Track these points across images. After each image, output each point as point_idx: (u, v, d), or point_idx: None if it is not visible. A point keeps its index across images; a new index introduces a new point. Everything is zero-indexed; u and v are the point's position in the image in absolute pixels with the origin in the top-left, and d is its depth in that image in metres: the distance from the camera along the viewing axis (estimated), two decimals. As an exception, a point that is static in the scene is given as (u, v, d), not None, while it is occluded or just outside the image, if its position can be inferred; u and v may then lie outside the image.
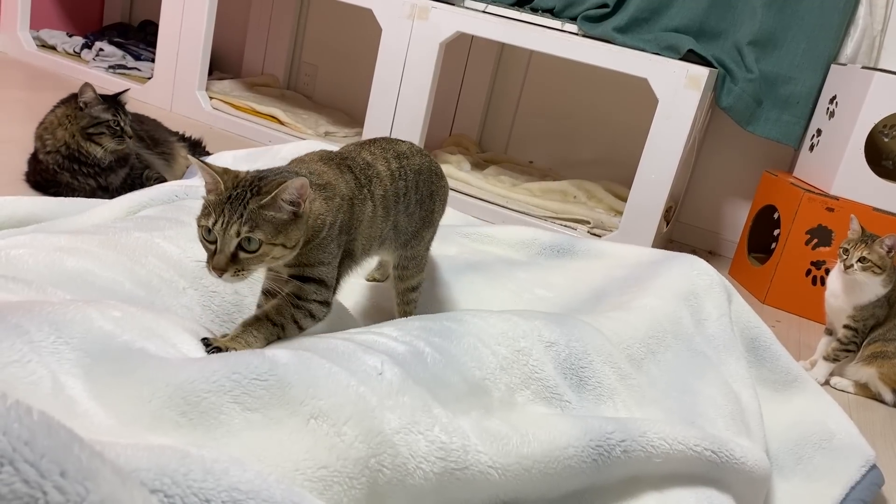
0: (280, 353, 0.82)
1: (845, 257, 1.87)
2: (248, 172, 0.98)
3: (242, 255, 0.93)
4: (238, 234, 0.92)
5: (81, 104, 1.84)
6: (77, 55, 3.51)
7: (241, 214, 0.91)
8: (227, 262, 0.92)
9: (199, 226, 0.95)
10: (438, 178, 1.35)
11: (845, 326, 1.91)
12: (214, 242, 0.93)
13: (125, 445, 0.55)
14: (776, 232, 2.58)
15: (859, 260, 1.83)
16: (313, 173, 1.05)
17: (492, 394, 0.98)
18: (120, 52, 3.54)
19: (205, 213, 0.94)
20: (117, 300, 0.91)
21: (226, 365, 0.77)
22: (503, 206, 2.69)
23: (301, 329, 1.03)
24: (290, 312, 1.02)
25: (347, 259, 1.11)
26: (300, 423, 0.73)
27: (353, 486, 0.72)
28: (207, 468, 0.55)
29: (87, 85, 1.83)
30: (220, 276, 0.93)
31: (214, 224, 0.92)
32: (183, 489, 0.53)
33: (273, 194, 0.92)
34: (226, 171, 0.97)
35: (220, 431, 0.68)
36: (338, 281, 1.10)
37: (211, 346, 0.94)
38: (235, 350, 0.92)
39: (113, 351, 0.73)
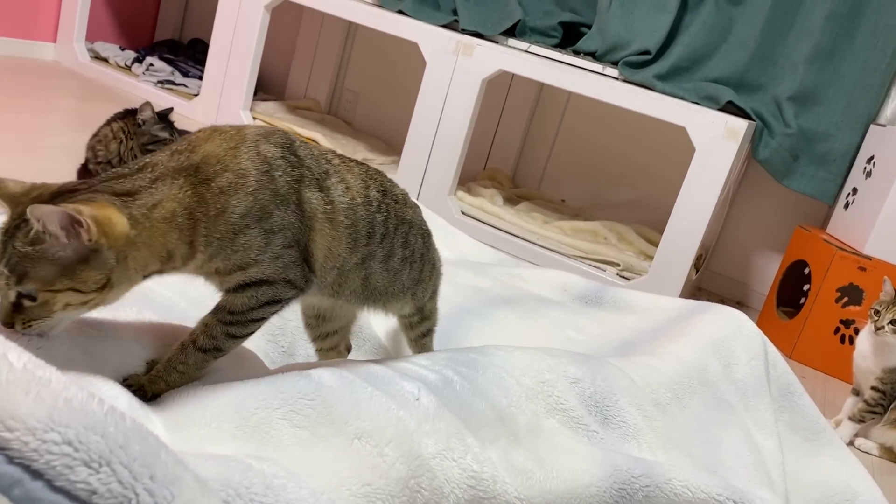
0: (325, 375, 0.86)
1: (876, 318, 1.87)
2: (62, 185, 0.76)
3: (27, 303, 0.73)
4: (8, 285, 0.72)
5: (140, 121, 1.92)
6: (128, 68, 3.62)
7: (10, 258, 0.72)
8: (8, 315, 0.73)
9: None
10: (428, 236, 1.15)
11: (873, 388, 1.90)
12: None
13: (193, 455, 0.58)
14: (806, 287, 2.58)
15: (891, 322, 1.83)
16: (182, 151, 0.82)
17: (518, 420, 1.00)
18: (169, 68, 3.64)
19: None
20: (174, 318, 0.95)
21: (271, 385, 0.82)
22: (533, 243, 2.71)
23: (250, 334, 0.88)
24: (222, 331, 0.84)
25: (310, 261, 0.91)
26: (345, 443, 0.77)
27: None
28: (267, 483, 0.58)
29: (147, 104, 1.92)
30: (11, 329, 0.74)
31: None
32: (245, 501, 0.56)
33: (32, 234, 0.71)
34: (32, 188, 0.76)
35: (272, 446, 0.72)
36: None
37: (131, 384, 0.81)
38: (155, 392, 0.81)
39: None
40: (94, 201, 0.74)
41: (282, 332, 1.18)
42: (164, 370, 0.83)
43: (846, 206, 2.63)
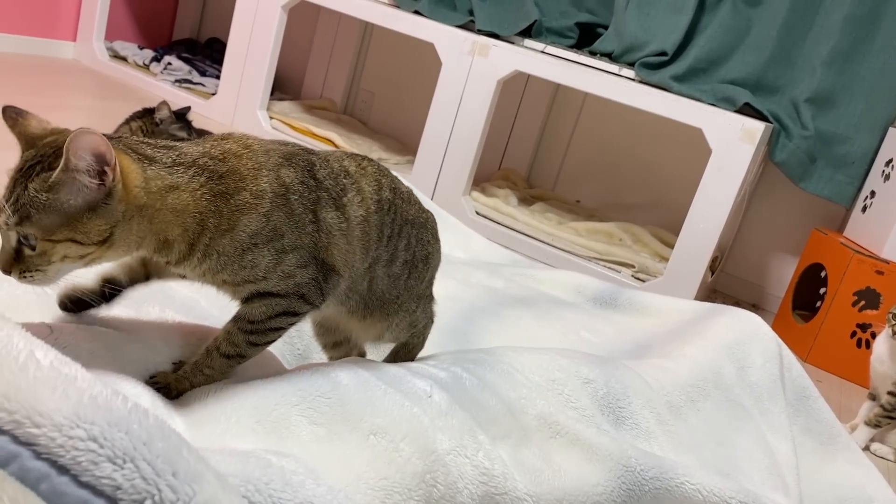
0: (342, 374, 0.88)
1: (894, 322, 1.86)
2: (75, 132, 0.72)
3: (27, 251, 0.73)
4: (7, 225, 0.72)
5: (157, 120, 1.93)
6: (146, 67, 3.65)
7: (18, 198, 0.71)
8: (8, 261, 0.74)
9: None
10: (435, 240, 1.12)
11: (889, 393, 1.89)
12: None
13: (213, 451, 0.59)
14: (822, 290, 2.57)
15: (908, 326, 1.82)
16: (213, 157, 0.82)
17: (527, 412, 1.01)
18: (187, 67, 3.67)
19: None
20: (195, 316, 0.96)
21: (290, 383, 0.83)
22: (548, 244, 2.71)
23: (270, 342, 0.90)
24: (244, 339, 0.86)
25: (333, 274, 0.91)
26: (361, 439, 0.78)
27: (411, 498, 0.76)
28: (286, 479, 0.59)
29: (164, 103, 1.94)
30: (9, 275, 0.75)
31: None
32: (265, 497, 0.57)
33: (52, 179, 0.70)
34: (52, 131, 0.77)
35: (291, 441, 0.73)
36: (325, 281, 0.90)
37: (157, 382, 0.83)
38: (180, 391, 0.84)
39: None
40: (115, 148, 0.74)
41: (298, 336, 1.19)
42: (191, 372, 0.85)
43: (864, 209, 2.61)
